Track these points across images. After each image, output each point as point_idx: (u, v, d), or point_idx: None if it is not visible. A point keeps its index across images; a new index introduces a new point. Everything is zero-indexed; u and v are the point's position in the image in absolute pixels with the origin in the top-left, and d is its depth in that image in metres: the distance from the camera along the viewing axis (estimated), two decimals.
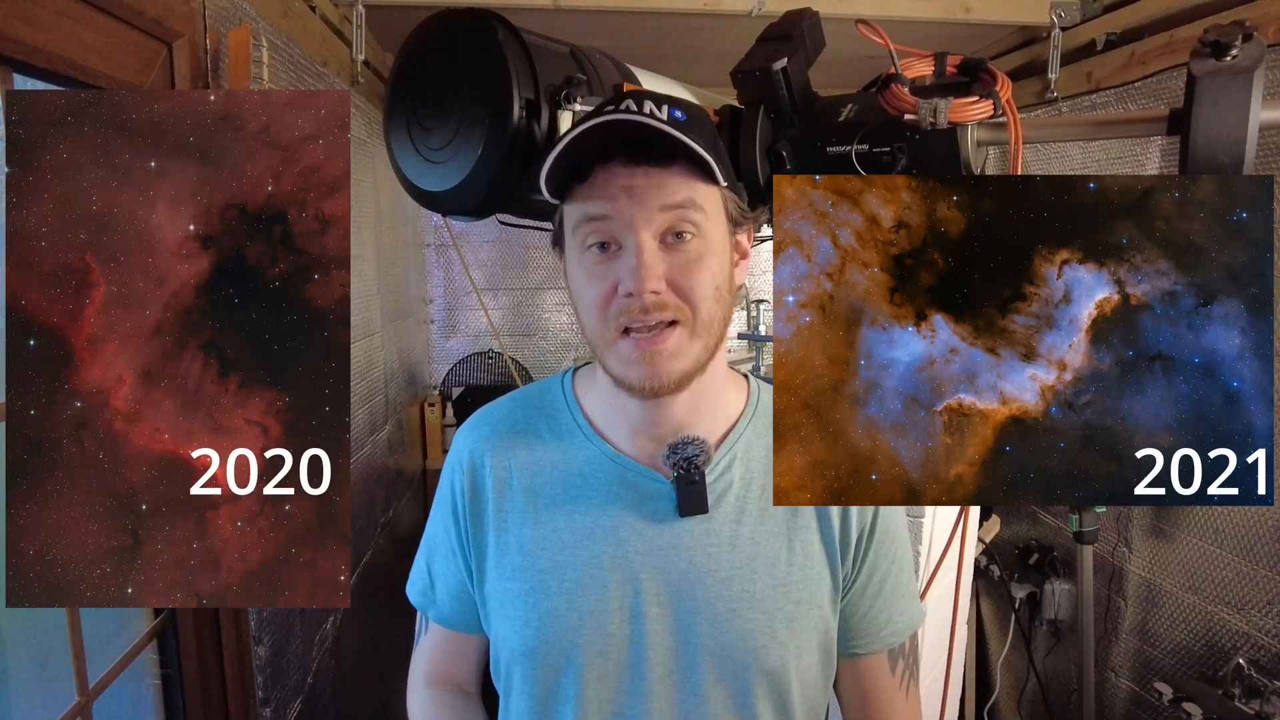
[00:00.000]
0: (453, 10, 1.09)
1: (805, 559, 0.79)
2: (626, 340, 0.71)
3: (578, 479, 0.80)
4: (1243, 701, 1.45)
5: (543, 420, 0.84)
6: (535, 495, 0.80)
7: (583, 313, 0.75)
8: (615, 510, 0.78)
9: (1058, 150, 1.92)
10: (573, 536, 0.78)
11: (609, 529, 0.77)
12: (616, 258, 0.71)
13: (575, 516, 0.78)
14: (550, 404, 0.85)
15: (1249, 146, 0.98)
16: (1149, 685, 1.68)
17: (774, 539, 0.78)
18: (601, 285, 0.71)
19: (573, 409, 0.84)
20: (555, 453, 0.81)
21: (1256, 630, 1.45)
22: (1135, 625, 1.74)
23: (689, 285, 0.71)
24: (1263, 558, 1.43)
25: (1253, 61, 0.98)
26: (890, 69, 1.17)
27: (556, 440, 0.82)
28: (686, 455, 0.76)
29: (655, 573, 0.76)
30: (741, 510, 0.78)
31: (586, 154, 0.70)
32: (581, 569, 0.77)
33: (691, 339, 0.72)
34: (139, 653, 1.10)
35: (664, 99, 0.72)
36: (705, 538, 0.77)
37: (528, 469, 0.81)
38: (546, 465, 0.81)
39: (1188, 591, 1.60)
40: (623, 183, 0.69)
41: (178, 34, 1.05)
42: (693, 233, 0.71)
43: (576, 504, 0.79)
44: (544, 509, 0.79)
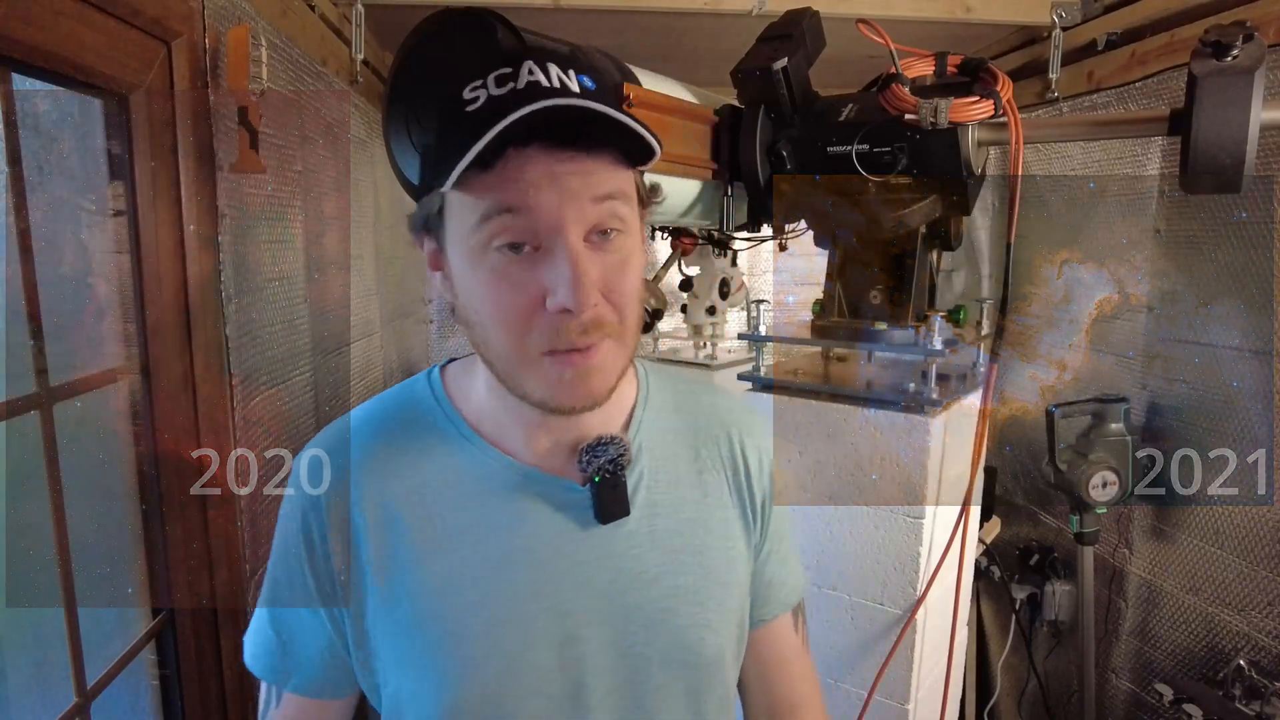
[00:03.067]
0: (452, 9, 1.09)
1: (724, 539, 0.75)
2: (552, 359, 0.61)
3: (475, 499, 0.68)
4: (1243, 703, 1.44)
5: (417, 434, 0.70)
6: (428, 527, 0.67)
7: (490, 325, 0.61)
8: (528, 529, 0.68)
9: (1058, 150, 1.92)
10: (484, 568, 0.67)
11: (524, 551, 0.67)
12: (537, 263, 0.59)
13: (482, 545, 0.67)
14: (423, 413, 0.71)
15: (1249, 147, 0.98)
16: (1150, 686, 1.68)
17: (692, 525, 0.73)
18: (520, 295, 0.59)
19: (453, 416, 0.71)
20: (444, 471, 0.68)
21: (1257, 631, 1.45)
22: (1136, 626, 1.74)
23: (621, 291, 0.62)
24: (1263, 559, 1.43)
25: (1253, 62, 0.98)
26: (891, 69, 1.17)
27: (441, 456, 0.69)
28: (610, 458, 0.68)
29: (582, 590, 0.68)
30: (655, 503, 0.72)
31: (497, 136, 0.55)
32: (499, 604, 0.66)
33: (619, 350, 0.63)
34: (137, 654, 1.10)
35: (568, 59, 0.60)
36: (627, 540, 0.70)
37: (412, 497, 0.67)
38: (436, 487, 0.68)
39: (1188, 593, 1.59)
40: (545, 170, 0.57)
41: (176, 33, 1.05)
42: (619, 229, 0.61)
43: (481, 529, 0.67)
44: (442, 541, 0.67)
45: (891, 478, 1.24)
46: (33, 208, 0.91)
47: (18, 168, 0.87)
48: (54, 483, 0.93)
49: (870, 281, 1.34)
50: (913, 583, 1.24)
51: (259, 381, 1.26)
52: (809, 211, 1.36)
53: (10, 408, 0.88)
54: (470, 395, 0.72)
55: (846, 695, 1.33)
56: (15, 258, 0.87)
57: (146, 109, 1.03)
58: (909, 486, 1.22)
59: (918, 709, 1.30)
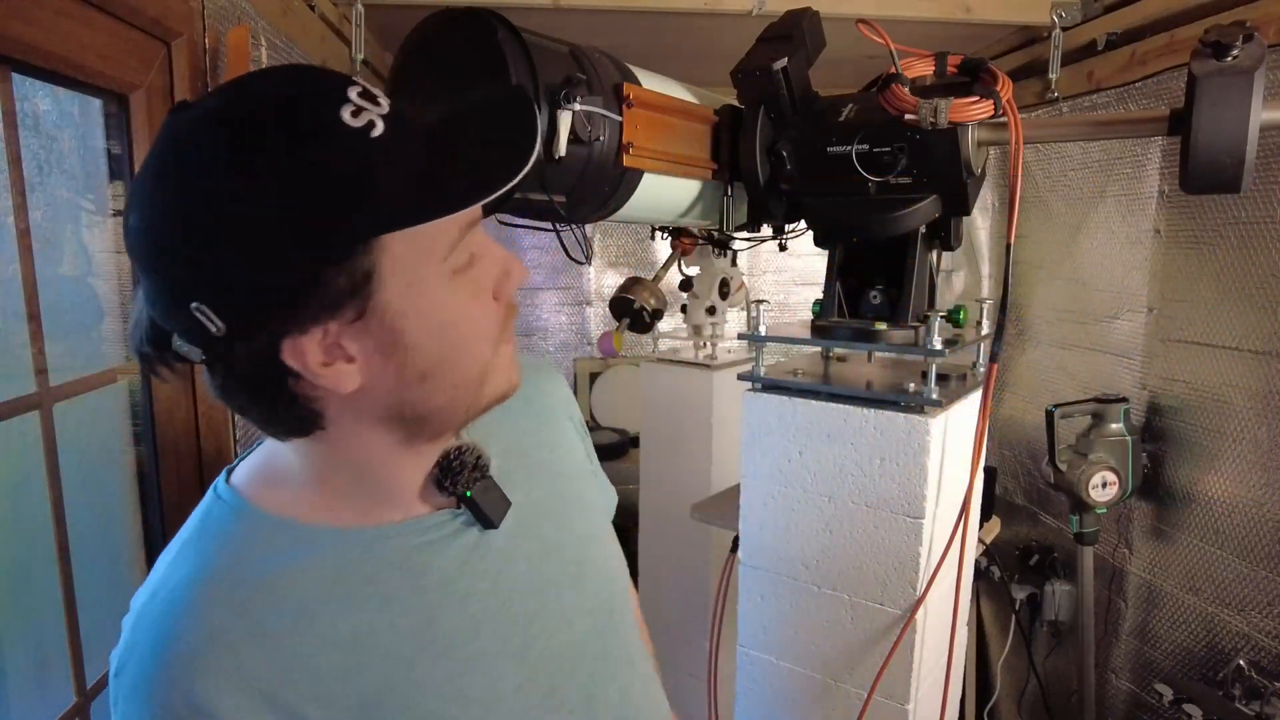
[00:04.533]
0: (452, 9, 1.09)
1: (580, 477, 0.79)
2: (507, 345, 0.61)
3: (366, 587, 0.58)
4: (1243, 703, 1.44)
5: (257, 565, 0.57)
6: (333, 645, 0.56)
7: (466, 347, 0.57)
8: (432, 579, 0.61)
9: (1058, 150, 1.92)
10: (412, 644, 0.59)
11: (442, 602, 0.61)
12: (476, 262, 0.57)
13: (397, 622, 0.59)
14: (247, 542, 0.58)
15: (1249, 147, 0.98)
16: (1149, 686, 1.68)
17: (559, 479, 0.75)
18: (485, 294, 0.58)
19: (286, 524, 0.59)
20: (315, 585, 0.57)
21: (1257, 631, 1.45)
22: (1136, 626, 1.74)
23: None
24: (1263, 559, 1.43)
25: (1253, 62, 0.98)
26: (891, 69, 1.17)
27: (303, 571, 0.57)
28: (471, 465, 0.63)
29: (512, 595, 0.65)
30: (527, 478, 0.71)
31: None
32: (449, 661, 0.60)
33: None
34: None
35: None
36: (519, 527, 0.67)
37: (303, 626, 0.55)
38: (316, 604, 0.56)
39: (1188, 593, 1.59)
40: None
41: (176, 33, 1.05)
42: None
43: (390, 610, 0.59)
44: (355, 648, 0.57)
45: (891, 478, 1.24)
46: (33, 208, 0.91)
47: (18, 168, 0.87)
48: (53, 483, 0.93)
49: (870, 282, 1.34)
50: (913, 583, 1.24)
51: None
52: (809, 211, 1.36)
53: (10, 408, 0.88)
54: (279, 490, 0.60)
55: (846, 695, 1.33)
56: (16, 258, 0.87)
57: (146, 109, 1.03)
58: (909, 487, 1.22)
59: (918, 709, 1.30)
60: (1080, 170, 1.86)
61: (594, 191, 1.24)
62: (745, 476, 1.38)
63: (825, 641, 1.33)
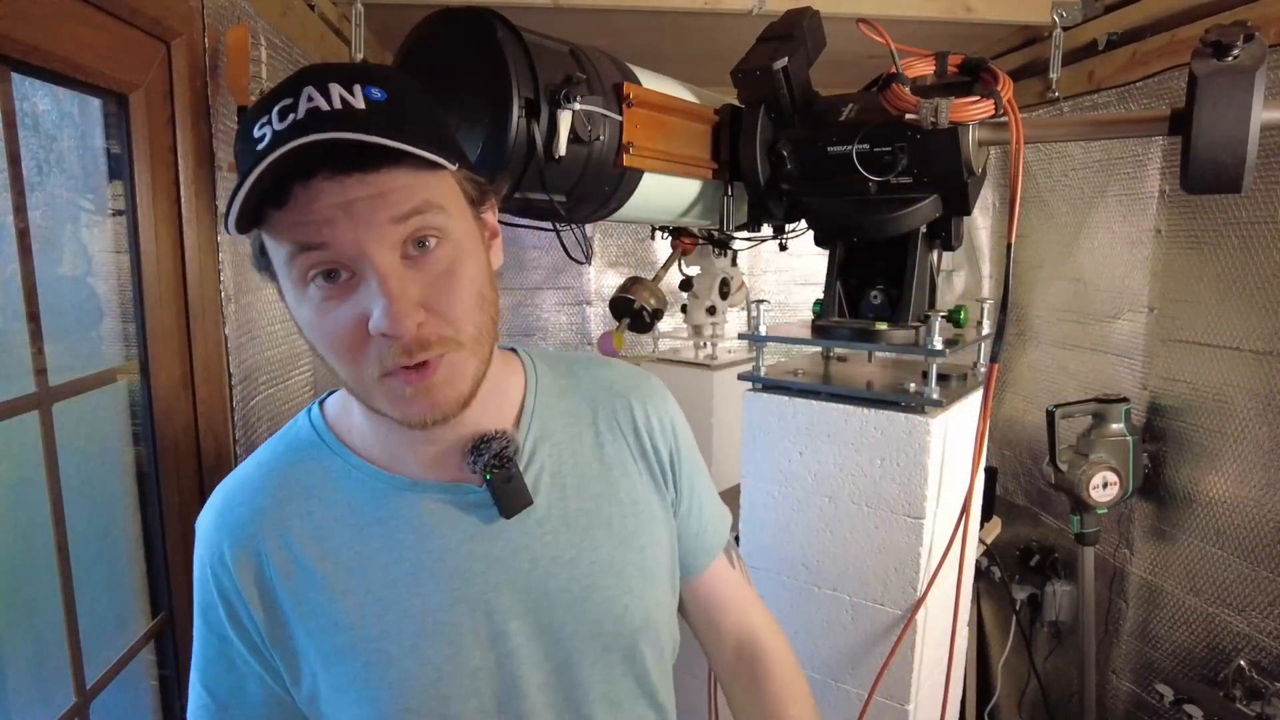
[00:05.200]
0: (452, 9, 1.09)
1: (635, 504, 0.76)
2: (392, 379, 0.60)
3: (377, 526, 0.68)
4: (1244, 703, 1.44)
5: (308, 475, 0.70)
6: (333, 563, 0.67)
7: (327, 356, 0.61)
8: (435, 542, 0.68)
9: (1059, 150, 1.92)
10: (394, 590, 0.67)
11: (434, 563, 0.68)
12: (353, 288, 0.58)
13: (389, 568, 0.67)
14: (308, 453, 0.71)
15: (1250, 147, 0.98)
16: (1150, 687, 1.68)
17: (600, 500, 0.74)
18: (342, 323, 0.59)
19: (338, 450, 0.71)
20: (337, 507, 0.69)
21: (1258, 632, 1.45)
22: (1136, 627, 1.73)
23: (449, 305, 0.60)
24: (1264, 559, 1.43)
25: (1254, 62, 0.97)
26: (891, 68, 1.17)
27: (335, 491, 0.69)
28: (495, 453, 0.68)
29: (502, 586, 0.69)
30: (562, 485, 0.73)
31: (278, 173, 0.54)
32: (419, 620, 0.67)
33: (466, 360, 0.62)
34: (136, 654, 1.10)
35: (354, 74, 0.58)
36: (538, 527, 0.71)
37: (312, 537, 0.68)
38: (332, 524, 0.68)
39: (1189, 593, 1.59)
40: (335, 200, 0.55)
41: (176, 33, 1.05)
42: (437, 237, 0.59)
43: (387, 553, 0.68)
44: (348, 574, 0.67)
45: (892, 478, 1.24)
46: (33, 208, 0.91)
47: (18, 168, 0.87)
48: (53, 483, 0.93)
49: (870, 282, 1.34)
50: (913, 583, 1.24)
51: (259, 381, 1.26)
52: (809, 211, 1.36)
53: (10, 408, 0.88)
54: (352, 423, 0.72)
55: (847, 696, 1.33)
56: (15, 258, 0.87)
57: (146, 109, 1.03)
58: (909, 487, 1.22)
59: (918, 709, 1.30)
60: (1081, 170, 1.86)
61: (594, 191, 1.23)
62: (745, 476, 1.38)
63: (825, 642, 1.33)
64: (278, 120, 0.55)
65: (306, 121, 0.55)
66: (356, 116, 0.55)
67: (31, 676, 1.02)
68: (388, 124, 0.56)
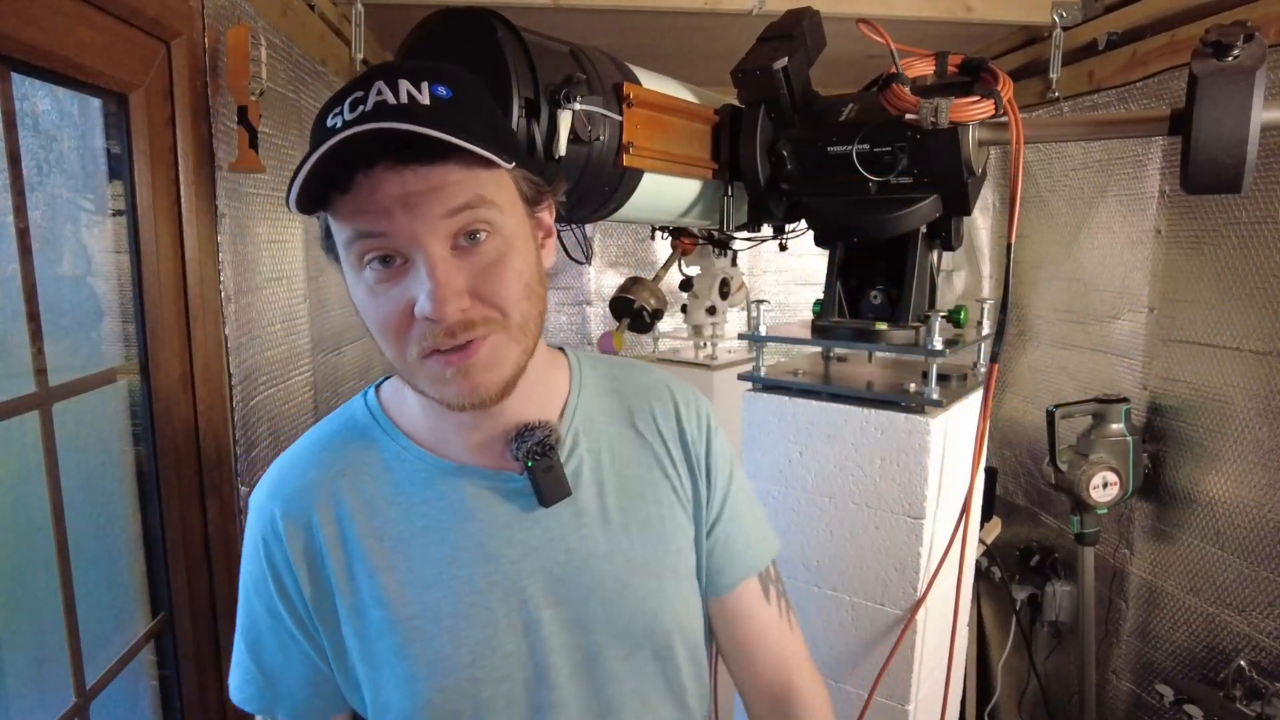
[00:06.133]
0: (452, 9, 1.09)
1: (670, 507, 0.77)
2: (434, 359, 0.63)
3: (420, 506, 0.71)
4: (1244, 703, 1.44)
5: (359, 454, 0.74)
6: (379, 539, 0.70)
7: (376, 335, 0.65)
8: (474, 525, 0.71)
9: (1059, 150, 1.92)
10: (434, 570, 0.70)
11: (473, 548, 0.70)
12: (405, 274, 0.62)
13: (431, 548, 0.70)
14: (361, 432, 0.75)
15: (1250, 147, 0.98)
16: (1150, 687, 1.68)
17: (639, 499, 0.76)
18: (392, 306, 0.63)
19: (390, 432, 0.74)
20: (386, 485, 0.72)
21: (1258, 632, 1.45)
22: (1136, 627, 1.73)
23: (495, 290, 0.63)
24: (1264, 559, 1.43)
25: (1254, 62, 0.97)
26: (891, 68, 1.16)
27: (384, 471, 0.72)
28: (536, 441, 0.71)
29: (537, 574, 0.71)
30: (601, 481, 0.75)
31: (343, 160, 0.59)
32: (457, 600, 0.69)
33: (508, 344, 0.65)
34: (136, 654, 1.10)
35: (424, 72, 0.62)
36: (575, 520, 0.73)
37: (360, 513, 0.71)
38: (380, 501, 0.71)
39: (1189, 593, 1.59)
40: (394, 191, 0.59)
41: (176, 33, 1.05)
42: (487, 231, 0.62)
43: (429, 533, 0.70)
44: (393, 550, 0.70)
45: (892, 478, 1.23)
46: (33, 208, 0.91)
47: (18, 168, 0.87)
48: (53, 483, 0.93)
49: (870, 282, 1.34)
50: (913, 583, 1.24)
51: (259, 381, 1.26)
52: (809, 211, 1.36)
53: (10, 408, 0.88)
54: (405, 406, 0.75)
55: (847, 696, 1.33)
56: (15, 258, 0.87)
57: (146, 109, 1.03)
58: (909, 487, 1.22)
59: (918, 710, 1.30)
60: (1081, 170, 1.86)
61: (594, 191, 1.23)
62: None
63: (826, 642, 1.33)
64: (349, 111, 0.60)
65: (372, 113, 0.59)
66: (419, 111, 0.59)
67: (31, 676, 1.02)
68: (448, 120, 0.59)
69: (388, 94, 0.59)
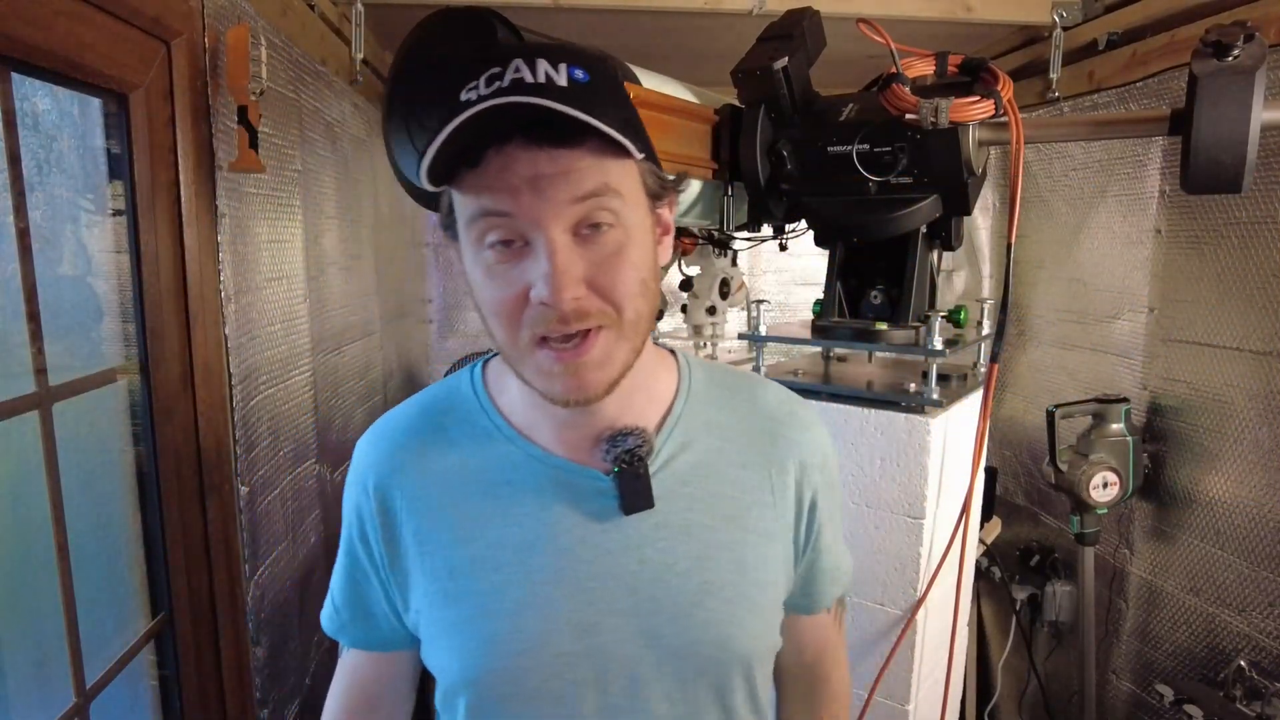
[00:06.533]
0: (452, 9, 1.09)
1: (760, 538, 0.74)
2: (544, 351, 0.62)
3: (504, 488, 0.71)
4: (1244, 703, 1.44)
5: (455, 425, 0.74)
6: (458, 511, 0.71)
7: (488, 317, 0.65)
8: (551, 517, 0.70)
9: (1059, 150, 1.92)
10: (506, 553, 0.69)
11: (547, 539, 0.69)
12: (524, 256, 0.61)
13: (507, 529, 0.70)
14: (461, 405, 0.76)
15: (1250, 147, 0.98)
16: (1150, 687, 1.68)
17: (729, 523, 0.72)
18: (508, 289, 0.62)
19: (487, 409, 0.74)
20: (474, 460, 0.72)
21: (1258, 632, 1.45)
22: (1136, 627, 1.73)
23: (611, 284, 0.62)
24: (1264, 559, 1.43)
25: (1254, 62, 0.97)
26: (891, 68, 1.17)
27: (474, 446, 0.73)
28: (627, 448, 0.69)
29: (607, 578, 0.69)
30: (690, 496, 0.72)
31: (476, 133, 0.58)
32: (522, 587, 0.69)
33: (618, 342, 0.64)
34: (136, 654, 1.10)
35: (562, 53, 0.60)
36: (655, 531, 0.70)
37: (445, 483, 0.72)
38: (466, 476, 0.72)
39: (1189, 593, 1.59)
40: (525, 171, 0.58)
41: (176, 33, 1.05)
42: (610, 222, 0.61)
43: (507, 516, 0.70)
44: (471, 525, 0.70)
45: (892, 478, 1.23)
46: (33, 207, 0.91)
47: (18, 167, 0.87)
48: (53, 482, 0.93)
49: (870, 282, 1.34)
50: (913, 583, 1.24)
51: (259, 381, 1.26)
52: (809, 211, 1.36)
53: (10, 407, 0.88)
54: (505, 390, 0.75)
55: None
56: (15, 258, 0.87)
57: (146, 109, 1.02)
58: (909, 487, 1.22)
59: (918, 709, 1.30)
60: (1081, 170, 1.86)
61: None
62: None
63: None
64: (484, 86, 0.58)
65: (509, 89, 0.58)
66: (555, 91, 0.58)
67: (31, 676, 1.02)
68: (582, 103, 0.57)
69: (525, 72, 0.58)
